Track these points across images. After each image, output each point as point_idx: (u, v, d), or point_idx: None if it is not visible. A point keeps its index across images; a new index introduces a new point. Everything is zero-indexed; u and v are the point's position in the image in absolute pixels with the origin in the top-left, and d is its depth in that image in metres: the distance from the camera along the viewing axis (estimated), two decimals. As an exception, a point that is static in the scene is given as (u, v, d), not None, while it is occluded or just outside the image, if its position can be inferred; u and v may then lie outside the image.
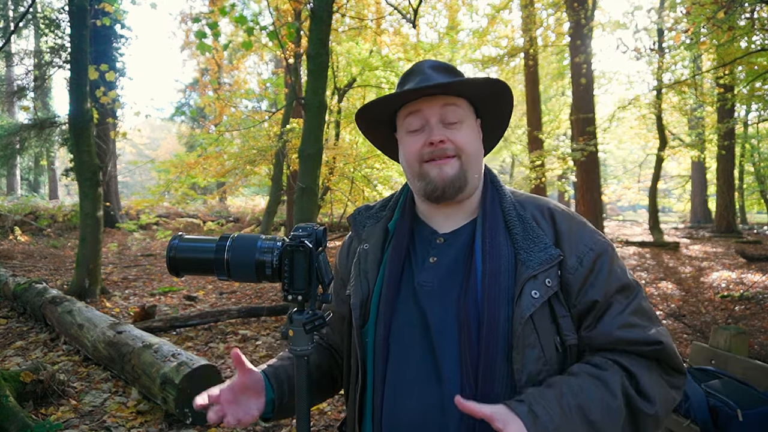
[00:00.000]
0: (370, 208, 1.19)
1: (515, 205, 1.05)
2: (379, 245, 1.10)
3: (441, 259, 1.03)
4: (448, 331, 0.96)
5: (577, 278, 0.96)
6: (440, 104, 1.02)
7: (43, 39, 16.44)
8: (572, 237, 0.99)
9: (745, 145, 17.03)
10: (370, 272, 1.07)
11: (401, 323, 1.00)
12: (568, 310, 0.97)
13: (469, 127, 1.04)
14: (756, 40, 7.00)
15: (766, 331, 5.11)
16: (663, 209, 26.63)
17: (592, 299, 0.96)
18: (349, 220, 1.18)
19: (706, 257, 10.38)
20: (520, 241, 0.98)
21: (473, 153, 1.03)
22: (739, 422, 1.66)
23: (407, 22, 5.81)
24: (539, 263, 0.94)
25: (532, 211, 1.04)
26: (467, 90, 1.04)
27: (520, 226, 1.00)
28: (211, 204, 21.85)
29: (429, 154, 1.01)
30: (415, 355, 0.98)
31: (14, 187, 21.60)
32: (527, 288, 0.93)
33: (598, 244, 1.00)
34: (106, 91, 7.48)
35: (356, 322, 1.04)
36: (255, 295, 7.04)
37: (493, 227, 1.01)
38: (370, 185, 9.87)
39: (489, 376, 0.91)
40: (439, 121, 1.02)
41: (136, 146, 36.61)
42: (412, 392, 0.96)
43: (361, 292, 1.05)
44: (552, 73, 17.77)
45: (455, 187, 1.01)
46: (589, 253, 0.98)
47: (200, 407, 0.96)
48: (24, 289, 5.75)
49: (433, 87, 0.99)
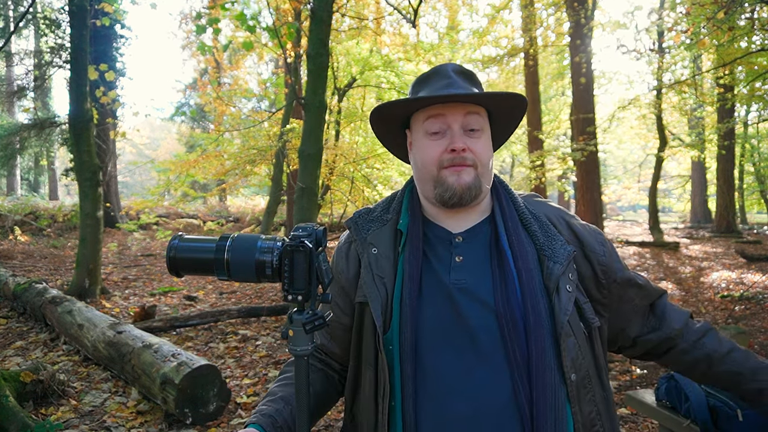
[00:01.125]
0: (371, 211, 1.15)
1: (526, 205, 1.10)
2: (390, 248, 1.06)
3: (467, 257, 1.02)
4: (489, 329, 0.95)
5: (609, 260, 1.07)
6: (464, 112, 1.02)
7: (43, 39, 16.44)
8: (583, 231, 1.08)
9: (745, 145, 17.03)
10: (387, 276, 1.03)
11: (432, 325, 0.98)
12: (587, 297, 1.04)
13: (487, 135, 1.06)
14: (756, 40, 7.00)
15: (766, 331, 5.11)
16: (663, 209, 26.63)
17: (626, 276, 1.10)
18: (348, 224, 1.13)
19: (706, 257, 10.38)
20: (540, 238, 1.03)
21: (488, 163, 1.05)
22: (739, 422, 1.65)
23: (407, 22, 5.81)
24: (564, 259, 1.00)
25: (543, 211, 1.09)
26: (492, 102, 1.06)
27: (537, 224, 1.05)
28: (211, 204, 21.88)
29: (449, 160, 1.01)
30: (450, 352, 0.96)
31: (14, 187, 21.59)
32: (562, 283, 0.97)
33: (602, 234, 1.13)
34: (106, 91, 7.48)
35: (380, 329, 0.99)
36: (255, 295, 7.04)
37: (514, 225, 1.04)
38: (370, 185, 9.86)
39: (541, 368, 0.93)
40: (461, 127, 1.02)
41: (136, 146, 36.60)
42: (455, 389, 0.94)
43: (380, 297, 1.01)
44: (552, 73, 17.76)
45: (471, 195, 1.02)
46: (604, 241, 1.09)
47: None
48: (24, 289, 5.75)
49: (464, 96, 1.00)
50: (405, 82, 9.51)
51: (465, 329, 0.96)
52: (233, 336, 5.06)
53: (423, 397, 0.95)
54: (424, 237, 1.07)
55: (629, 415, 3.31)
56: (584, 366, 0.97)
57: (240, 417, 3.31)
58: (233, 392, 3.63)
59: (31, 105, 13.67)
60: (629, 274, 1.12)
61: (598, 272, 1.05)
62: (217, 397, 3.26)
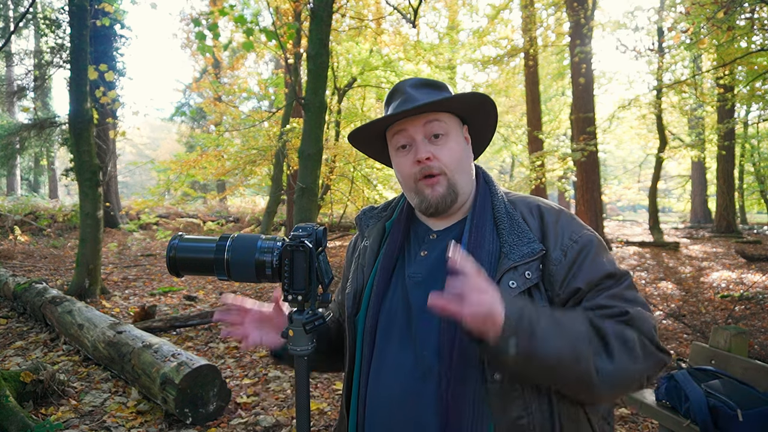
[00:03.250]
0: (374, 209, 1.27)
1: (506, 204, 1.10)
2: (377, 242, 1.17)
3: (431, 252, 1.09)
4: (428, 318, 0.98)
5: (561, 270, 0.99)
6: (423, 122, 1.06)
7: (43, 39, 16.43)
8: (557, 231, 1.03)
9: (745, 145, 17.03)
10: (367, 266, 1.14)
11: (387, 311, 1.07)
12: (548, 302, 0.99)
13: (454, 138, 1.09)
14: (756, 40, 7.00)
15: (766, 331, 5.11)
16: (663, 209, 26.63)
17: (575, 287, 0.99)
18: (355, 220, 1.27)
19: (706, 257, 10.38)
20: (505, 236, 1.03)
21: (459, 166, 1.08)
22: (739, 422, 1.65)
23: (407, 22, 5.81)
24: (521, 256, 0.99)
25: (522, 209, 1.09)
26: (446, 106, 1.08)
27: (507, 223, 1.05)
28: (211, 204, 21.86)
29: (419, 172, 1.07)
30: (396, 339, 1.03)
31: (14, 187, 21.59)
32: (505, 278, 0.97)
33: (582, 237, 1.03)
34: (106, 91, 7.48)
35: (349, 310, 1.12)
36: (255, 295, 7.04)
37: (480, 223, 1.06)
38: (370, 185, 9.86)
39: (463, 360, 0.94)
40: (424, 137, 1.07)
41: (136, 146, 36.56)
42: (391, 373, 1.02)
43: (356, 284, 1.14)
44: (552, 73, 17.76)
45: (446, 203, 1.07)
46: (573, 245, 1.01)
47: (224, 314, 1.06)
48: (24, 289, 5.75)
49: (412, 110, 1.04)
50: (405, 82, 9.48)
51: (409, 319, 1.03)
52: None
53: (372, 377, 1.05)
54: (410, 234, 1.16)
55: (629, 415, 3.31)
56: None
57: (240, 417, 3.31)
58: (233, 392, 3.63)
59: (31, 105, 13.68)
60: (591, 296, 0.99)
61: (544, 277, 1.00)
62: (217, 397, 3.27)
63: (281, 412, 3.38)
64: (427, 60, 10.58)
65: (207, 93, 14.28)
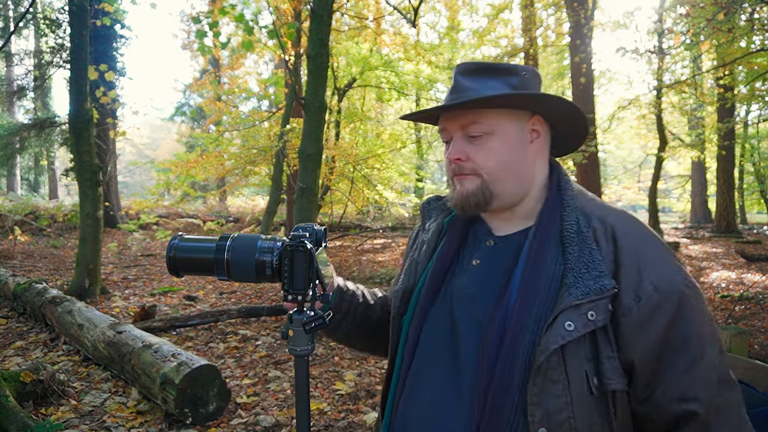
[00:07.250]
0: (440, 198, 1.15)
1: (579, 219, 0.91)
2: (434, 238, 1.07)
3: (483, 262, 0.97)
4: (471, 341, 0.90)
5: (630, 323, 0.82)
6: (459, 123, 0.96)
7: (43, 39, 16.45)
8: (636, 269, 0.84)
9: (745, 145, 17.04)
10: (420, 264, 1.06)
11: (432, 324, 0.98)
12: (617, 352, 0.83)
13: (500, 137, 0.93)
14: (756, 40, 7.00)
15: (766, 331, 5.11)
16: (663, 209, 26.61)
17: (630, 359, 0.83)
18: (420, 208, 1.18)
19: (706, 257, 10.38)
20: (572, 261, 0.85)
21: (501, 168, 0.94)
22: (738, 422, 1.65)
23: (407, 22, 5.81)
24: (585, 293, 0.81)
25: (595, 225, 0.89)
26: (490, 103, 0.93)
27: (577, 245, 0.87)
28: (211, 204, 21.87)
29: (452, 170, 0.98)
30: (436, 357, 0.95)
31: (14, 187, 21.59)
32: (562, 318, 0.81)
33: (669, 284, 0.83)
34: (106, 91, 7.47)
35: (395, 309, 1.05)
36: (255, 295, 7.04)
37: (544, 240, 0.91)
38: (370, 185, 9.87)
39: (497, 406, 0.82)
40: (462, 136, 0.96)
41: (136, 146, 36.55)
42: (426, 395, 0.93)
43: (407, 282, 1.05)
44: (552, 73, 17.76)
45: (472, 204, 0.95)
46: (653, 294, 0.82)
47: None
48: (24, 289, 5.75)
49: (437, 108, 0.96)
50: (405, 82, 9.51)
51: (452, 337, 0.93)
52: (233, 336, 5.06)
53: (406, 393, 0.97)
54: (467, 233, 1.04)
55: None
56: (572, 429, 0.80)
57: (240, 417, 3.31)
58: (233, 392, 3.63)
59: (31, 105, 13.68)
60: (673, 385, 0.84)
61: (613, 323, 0.83)
62: (217, 397, 3.27)
63: (281, 412, 3.38)
64: (427, 60, 10.58)
65: (207, 93, 14.27)
